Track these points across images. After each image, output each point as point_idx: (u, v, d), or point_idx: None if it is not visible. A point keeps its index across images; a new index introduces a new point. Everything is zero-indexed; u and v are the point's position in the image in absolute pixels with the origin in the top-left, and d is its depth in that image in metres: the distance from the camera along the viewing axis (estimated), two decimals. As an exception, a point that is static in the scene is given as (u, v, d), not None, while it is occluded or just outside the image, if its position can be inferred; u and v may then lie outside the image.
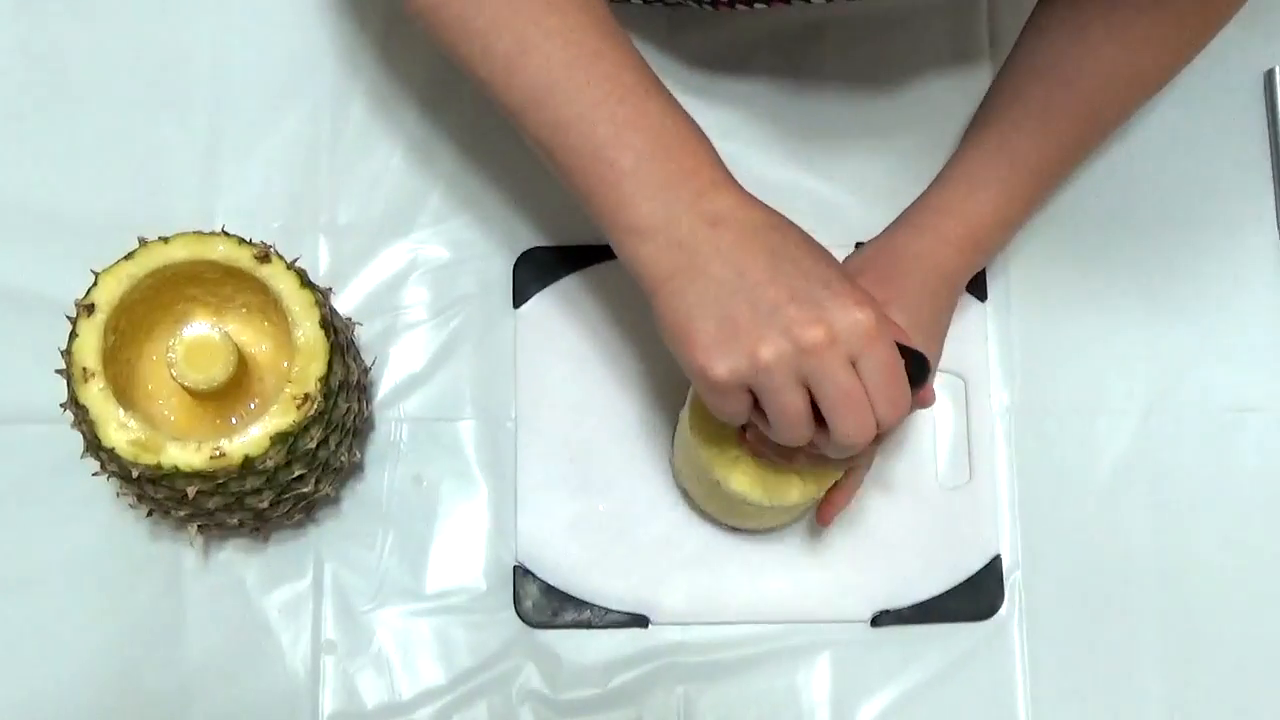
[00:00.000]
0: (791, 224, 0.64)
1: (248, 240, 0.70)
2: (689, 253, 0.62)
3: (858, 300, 0.61)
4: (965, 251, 0.74)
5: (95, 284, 0.69)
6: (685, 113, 0.65)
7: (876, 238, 0.76)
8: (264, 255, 0.70)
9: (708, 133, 0.65)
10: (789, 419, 0.62)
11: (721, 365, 0.61)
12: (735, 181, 0.64)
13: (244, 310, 0.74)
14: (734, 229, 0.62)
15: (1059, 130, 0.74)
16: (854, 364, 0.61)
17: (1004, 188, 0.74)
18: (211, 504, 0.71)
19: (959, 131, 0.79)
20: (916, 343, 0.67)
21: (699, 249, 0.61)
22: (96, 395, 0.67)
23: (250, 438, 0.68)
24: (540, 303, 0.82)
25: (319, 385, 0.69)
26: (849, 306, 0.61)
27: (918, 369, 0.65)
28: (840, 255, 0.71)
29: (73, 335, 0.68)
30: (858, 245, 0.80)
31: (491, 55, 0.64)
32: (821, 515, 0.76)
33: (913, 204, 0.76)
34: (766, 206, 0.64)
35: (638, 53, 0.65)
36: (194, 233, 0.70)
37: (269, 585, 0.79)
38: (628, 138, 0.63)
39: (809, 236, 0.64)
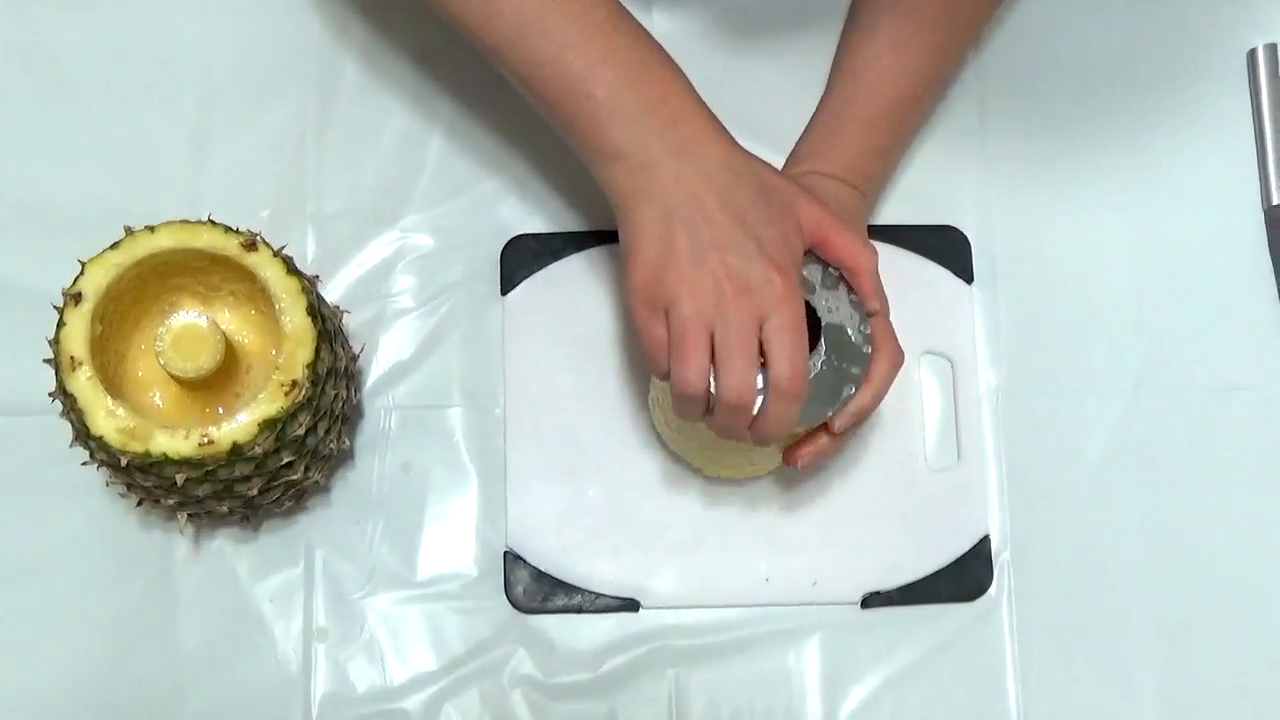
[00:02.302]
0: (753, 164, 0.68)
1: (234, 229, 0.70)
2: (652, 176, 0.66)
3: (779, 265, 0.65)
4: (844, 183, 0.77)
5: (82, 273, 0.69)
6: (655, 45, 0.69)
7: None
8: (250, 243, 0.70)
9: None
10: (686, 354, 0.65)
11: (651, 285, 0.65)
12: (706, 113, 0.68)
13: (231, 299, 0.74)
14: (695, 160, 0.66)
15: (912, 61, 0.78)
16: (761, 325, 0.65)
17: (865, 122, 0.78)
18: (201, 492, 0.71)
19: (945, 110, 0.79)
20: None
21: (661, 174, 0.66)
22: (84, 384, 0.67)
23: (238, 425, 0.68)
24: (528, 289, 0.82)
25: (306, 372, 0.69)
26: (769, 269, 0.65)
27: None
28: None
29: (60, 325, 0.68)
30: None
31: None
32: (787, 456, 0.74)
33: (792, 151, 0.80)
34: (732, 142, 0.68)
35: None
36: (180, 221, 0.70)
37: (260, 573, 0.79)
38: (599, 72, 0.67)
39: (767, 179, 0.68)
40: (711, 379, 0.66)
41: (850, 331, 0.70)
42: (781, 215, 0.67)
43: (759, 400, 0.67)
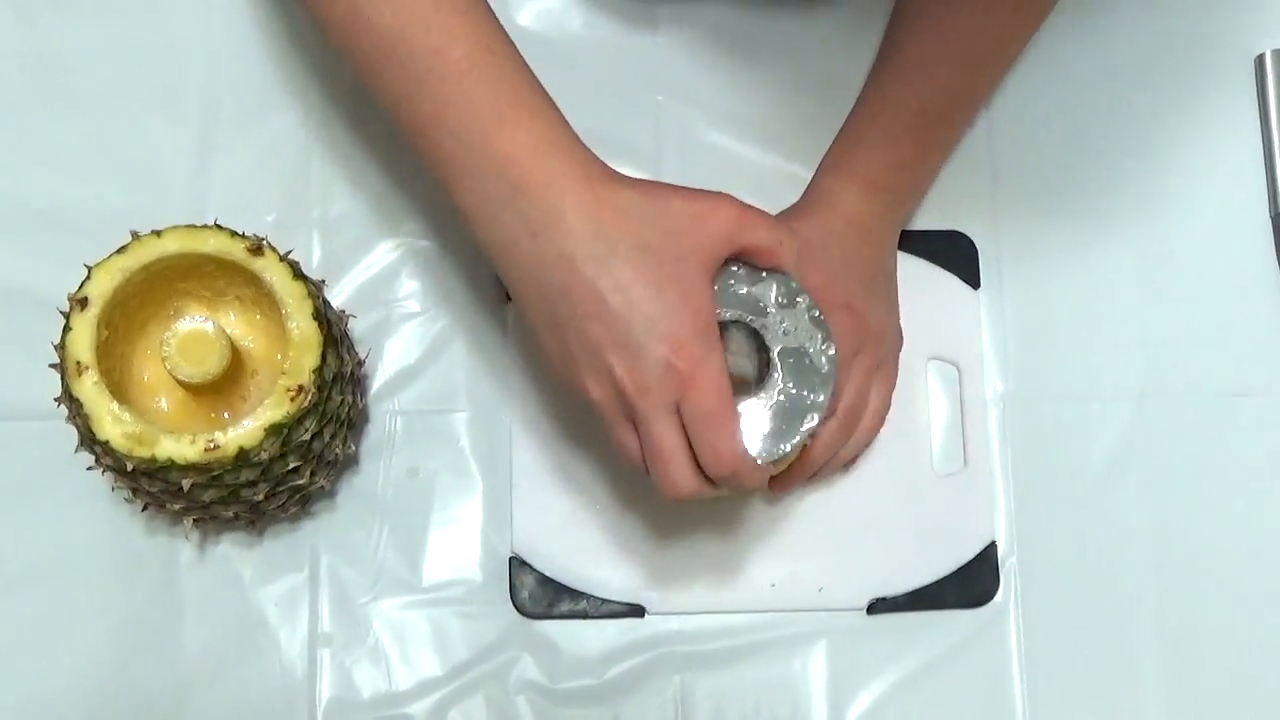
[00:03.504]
0: (627, 216, 0.60)
1: (240, 233, 0.70)
2: (515, 262, 0.60)
3: (676, 342, 0.59)
4: (866, 195, 0.76)
5: (88, 278, 0.69)
6: (523, 82, 0.61)
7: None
8: (257, 248, 0.70)
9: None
10: (629, 456, 0.63)
11: (575, 396, 0.62)
12: (570, 163, 0.60)
13: (237, 303, 0.74)
14: (554, 239, 0.58)
15: (938, 75, 0.76)
16: (680, 408, 0.61)
17: (887, 135, 0.77)
18: (207, 497, 0.71)
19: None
20: (835, 286, 0.71)
21: (523, 261, 0.59)
22: (90, 389, 0.67)
23: (244, 430, 0.68)
24: (534, 294, 0.82)
25: (313, 377, 0.69)
26: (665, 353, 0.59)
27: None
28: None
29: (66, 329, 0.68)
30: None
31: (331, 19, 0.62)
32: (773, 484, 0.75)
33: (820, 162, 0.79)
34: (597, 194, 0.60)
35: (480, 13, 0.62)
36: (187, 226, 0.70)
37: (265, 578, 0.79)
38: (447, 119, 0.60)
39: (651, 221, 0.60)
40: None
41: (811, 352, 0.66)
42: (676, 262, 0.60)
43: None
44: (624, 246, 0.59)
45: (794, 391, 0.65)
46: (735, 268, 0.66)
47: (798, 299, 0.66)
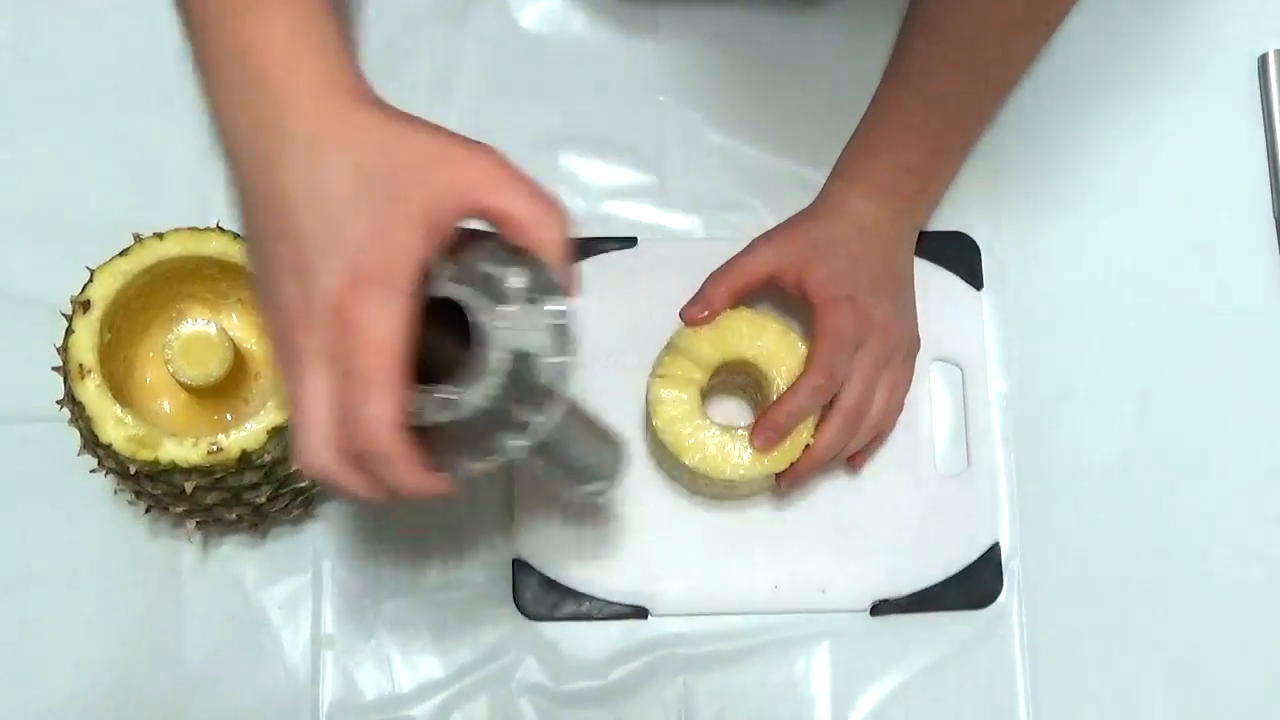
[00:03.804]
0: (359, 140, 0.52)
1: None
2: (236, 163, 0.53)
3: (349, 282, 0.50)
4: (873, 199, 0.77)
5: (91, 281, 0.69)
6: (305, 19, 0.53)
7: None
8: (259, 250, 0.70)
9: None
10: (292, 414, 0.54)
11: (262, 322, 0.55)
12: (319, 66, 0.53)
13: (239, 305, 0.74)
14: (271, 142, 0.51)
15: (944, 82, 0.76)
16: None
17: (894, 141, 0.78)
18: (209, 499, 0.71)
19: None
20: (839, 281, 0.73)
21: (241, 163, 0.53)
22: (93, 392, 0.67)
23: (247, 432, 0.68)
24: (536, 296, 0.82)
25: (315, 379, 0.69)
26: (335, 287, 0.50)
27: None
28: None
29: (69, 332, 0.68)
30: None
31: None
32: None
33: (833, 167, 0.80)
34: (336, 111, 0.52)
35: None
36: (189, 229, 0.70)
37: (268, 581, 0.79)
38: (209, 3, 0.53)
39: (370, 162, 0.51)
40: None
41: (538, 363, 0.53)
42: (390, 198, 0.51)
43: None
44: (338, 164, 0.51)
45: (497, 401, 0.53)
46: (493, 244, 0.54)
47: (547, 299, 0.53)
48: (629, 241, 0.83)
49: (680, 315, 0.76)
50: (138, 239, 0.70)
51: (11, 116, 0.84)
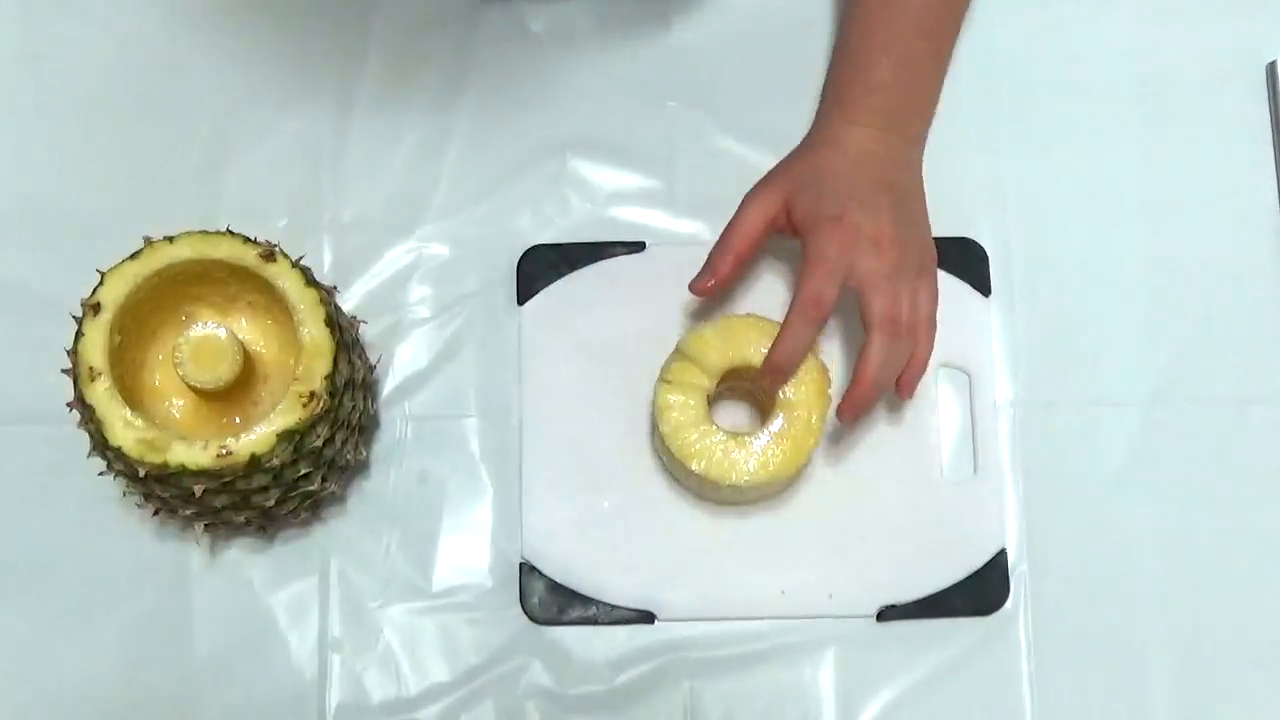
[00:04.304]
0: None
1: (252, 239, 0.71)
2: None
3: None
4: (854, 123, 0.78)
5: (101, 283, 0.69)
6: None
7: None
8: (269, 254, 0.70)
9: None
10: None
11: None
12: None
13: (249, 309, 0.75)
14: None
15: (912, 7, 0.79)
16: None
17: (864, 61, 0.79)
18: (218, 502, 0.71)
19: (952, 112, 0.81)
20: (822, 203, 0.75)
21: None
22: (103, 394, 0.67)
23: (257, 436, 0.68)
24: (544, 300, 0.82)
25: (325, 383, 0.69)
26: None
27: None
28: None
29: (79, 335, 0.68)
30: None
31: None
32: (842, 411, 0.75)
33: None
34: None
35: None
36: (199, 232, 0.70)
37: (276, 583, 0.79)
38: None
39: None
40: None
41: None
42: None
43: None
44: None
45: None
46: None
47: None
48: (637, 246, 0.83)
49: (690, 288, 0.76)
50: (148, 242, 0.70)
51: (22, 117, 0.84)
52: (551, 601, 0.79)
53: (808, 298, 0.73)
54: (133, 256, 0.70)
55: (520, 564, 0.79)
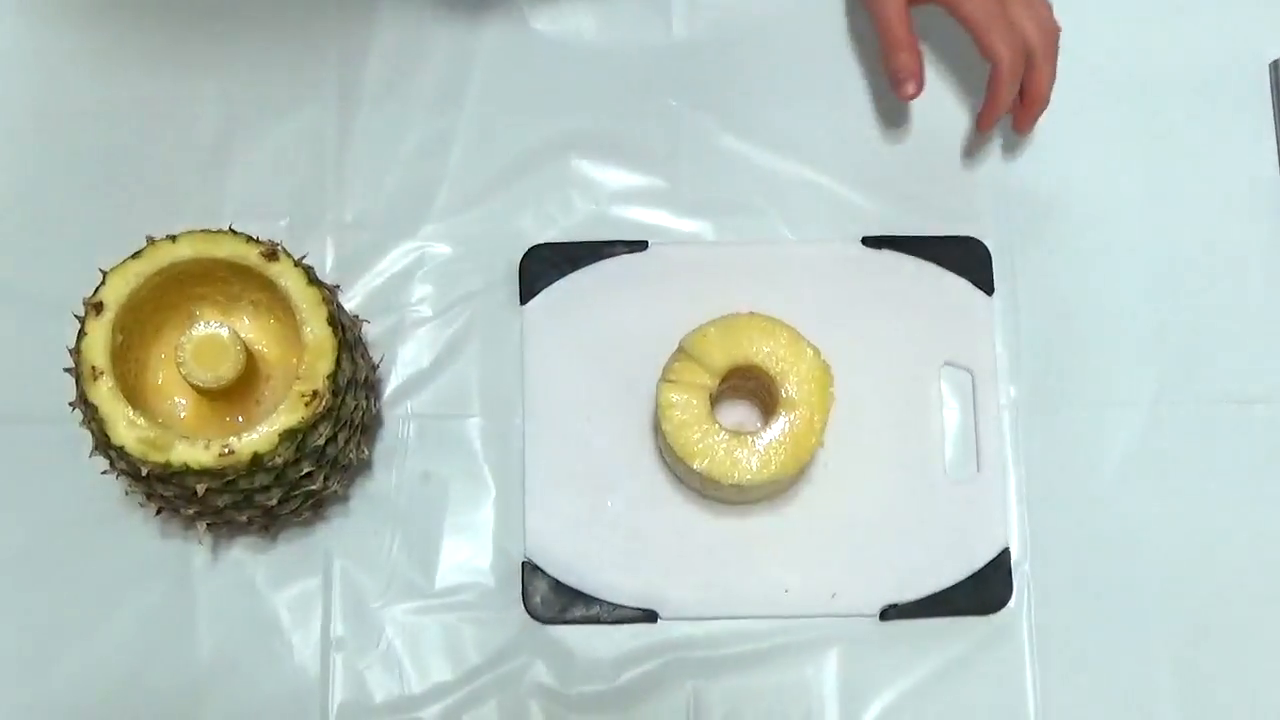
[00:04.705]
0: None
1: (255, 238, 0.71)
2: None
3: None
4: None
5: (104, 283, 0.69)
6: None
7: None
8: (271, 253, 0.70)
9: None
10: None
11: None
12: None
13: (251, 308, 0.75)
14: None
15: None
16: None
17: None
18: (221, 502, 0.71)
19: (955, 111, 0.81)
20: None
21: None
22: (105, 394, 0.67)
23: (259, 435, 0.68)
24: (547, 299, 0.82)
25: (327, 382, 0.69)
26: None
27: None
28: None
29: (81, 334, 0.68)
30: (864, 240, 0.82)
31: None
32: (1019, 122, 0.82)
33: None
34: None
35: None
36: (201, 231, 0.70)
37: (278, 583, 0.79)
38: None
39: None
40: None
41: None
42: None
43: None
44: None
45: None
46: None
47: None
48: (640, 245, 0.83)
49: (898, 96, 0.79)
50: (150, 241, 0.70)
51: (23, 117, 0.84)
52: (554, 600, 0.79)
53: (999, 59, 0.78)
54: (135, 255, 0.70)
55: (523, 563, 0.79)
